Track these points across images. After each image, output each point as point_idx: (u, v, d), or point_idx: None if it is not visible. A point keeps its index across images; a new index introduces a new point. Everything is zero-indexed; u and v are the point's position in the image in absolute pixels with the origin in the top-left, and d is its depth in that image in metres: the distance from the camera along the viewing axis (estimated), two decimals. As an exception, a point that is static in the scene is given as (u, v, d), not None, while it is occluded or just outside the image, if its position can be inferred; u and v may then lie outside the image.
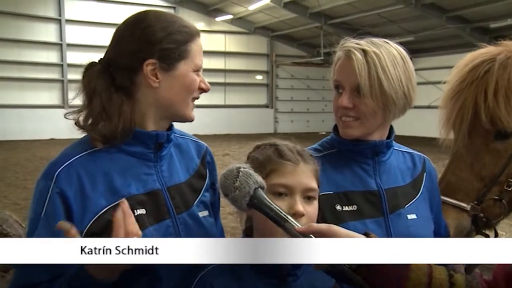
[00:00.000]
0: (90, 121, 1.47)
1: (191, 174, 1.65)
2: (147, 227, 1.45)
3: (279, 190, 1.37)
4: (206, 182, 1.69)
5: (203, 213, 1.63)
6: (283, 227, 1.23)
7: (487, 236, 2.07)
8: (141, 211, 1.47)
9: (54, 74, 21.24)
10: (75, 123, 1.48)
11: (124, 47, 1.50)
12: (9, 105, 20.12)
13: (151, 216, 1.49)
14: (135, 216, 1.40)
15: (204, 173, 1.70)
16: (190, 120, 1.58)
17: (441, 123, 2.08)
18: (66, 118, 1.49)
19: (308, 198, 1.40)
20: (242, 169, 1.27)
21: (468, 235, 1.98)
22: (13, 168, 12.62)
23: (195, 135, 1.81)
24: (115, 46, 1.52)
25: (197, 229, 1.58)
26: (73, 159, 1.45)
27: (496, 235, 2.08)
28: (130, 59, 1.49)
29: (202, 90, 1.59)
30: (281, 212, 1.24)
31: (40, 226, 1.39)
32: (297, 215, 1.34)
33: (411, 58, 1.68)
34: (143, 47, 1.48)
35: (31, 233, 1.41)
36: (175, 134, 1.66)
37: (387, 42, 1.66)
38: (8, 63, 20.25)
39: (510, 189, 1.97)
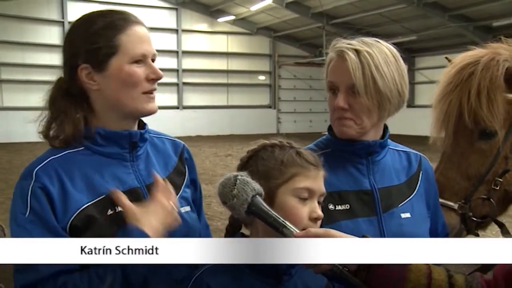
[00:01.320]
0: (46, 128, 1.55)
1: (170, 171, 1.65)
2: (128, 223, 1.45)
3: (303, 194, 1.37)
4: (186, 179, 1.70)
5: (184, 209, 1.63)
6: (281, 233, 1.24)
7: (477, 235, 2.09)
8: (121, 208, 1.47)
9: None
10: (39, 133, 1.55)
11: (63, 58, 1.55)
12: (13, 107, 20.20)
13: None
14: (116, 213, 1.46)
15: (183, 170, 1.71)
16: (150, 113, 1.54)
17: (431, 124, 2.13)
18: (38, 134, 1.57)
19: (318, 202, 1.41)
20: (239, 177, 1.28)
21: (458, 234, 2.00)
22: (17, 170, 12.58)
23: (198, 136, 1.82)
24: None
25: (179, 224, 1.57)
26: (49, 159, 1.47)
27: (507, 232, 2.09)
28: (67, 69, 1.52)
29: (153, 81, 1.52)
30: (279, 218, 1.25)
31: (29, 225, 1.38)
32: (318, 219, 1.36)
33: (413, 57, 1.69)
34: (71, 53, 1.50)
35: (15, 234, 1.39)
36: (150, 134, 1.66)
37: (378, 41, 1.67)
38: (12, 66, 20.35)
39: (497, 188, 2.00)
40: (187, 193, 1.69)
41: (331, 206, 1.62)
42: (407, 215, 1.68)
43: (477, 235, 2.11)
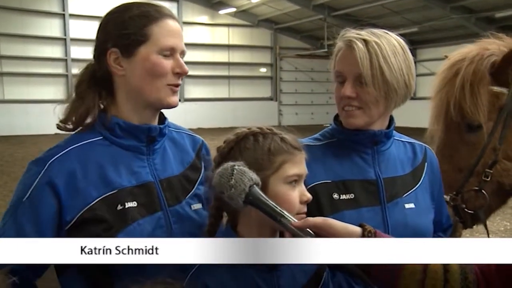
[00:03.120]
0: (67, 111, 1.55)
1: (185, 167, 1.66)
2: (137, 219, 1.47)
3: (294, 180, 1.37)
4: (201, 175, 1.70)
5: (196, 206, 1.63)
6: (279, 222, 1.24)
7: (471, 227, 2.13)
8: (132, 203, 1.48)
9: (59, 69, 21.27)
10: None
11: (96, 41, 1.57)
12: (15, 100, 20.21)
13: (143, 208, 1.50)
14: (125, 209, 1.47)
15: (199, 167, 1.71)
16: (170, 105, 1.55)
17: (429, 118, 2.20)
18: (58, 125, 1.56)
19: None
20: (236, 167, 1.27)
21: (453, 226, 2.02)
22: (20, 163, 12.68)
23: (199, 128, 1.83)
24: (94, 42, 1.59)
25: (189, 222, 1.59)
26: (68, 149, 1.48)
27: (487, 232, 2.13)
28: (98, 52, 1.55)
29: (178, 75, 1.54)
30: (276, 208, 1.25)
31: (20, 211, 1.41)
32: (308, 201, 1.37)
33: (415, 49, 1.70)
34: (103, 37, 1.53)
35: (6, 216, 1.42)
36: (170, 128, 1.67)
37: (387, 33, 1.67)
38: (13, 59, 20.31)
39: (488, 180, 2.03)
40: (201, 190, 1.69)
41: (335, 196, 1.63)
42: (411, 205, 1.69)
43: (471, 227, 2.15)
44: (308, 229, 1.24)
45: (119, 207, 1.46)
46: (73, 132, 1.57)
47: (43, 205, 1.41)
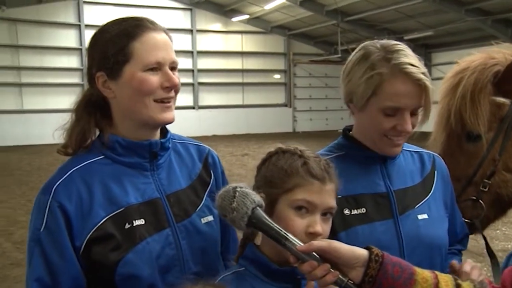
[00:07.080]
0: (66, 135, 1.55)
1: (193, 180, 1.61)
2: (145, 237, 1.44)
3: (301, 205, 1.32)
4: (210, 186, 1.64)
5: (207, 218, 1.58)
6: (283, 246, 1.19)
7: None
8: (140, 221, 1.45)
9: (75, 79, 21.56)
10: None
11: (86, 66, 1.56)
12: (32, 110, 20.54)
13: (151, 225, 1.47)
14: (133, 227, 1.44)
15: (207, 177, 1.66)
16: (164, 122, 1.50)
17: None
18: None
19: (325, 215, 1.35)
20: (238, 189, 1.22)
21: None
22: (37, 172, 12.85)
23: (214, 135, 1.79)
24: None
25: (199, 236, 1.55)
26: (70, 171, 1.45)
27: (486, 242, 2.07)
28: (88, 77, 1.54)
29: (168, 88, 1.48)
30: (281, 231, 1.20)
31: (43, 241, 1.39)
32: (315, 235, 1.29)
33: (430, 53, 1.67)
34: (89, 62, 1.51)
35: (32, 250, 1.40)
36: (174, 140, 1.63)
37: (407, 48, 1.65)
38: (31, 70, 20.68)
39: (486, 190, 2.00)
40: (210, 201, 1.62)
41: (346, 211, 1.60)
42: (424, 216, 1.65)
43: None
44: (313, 253, 1.19)
45: (127, 226, 1.43)
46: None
47: (60, 229, 1.39)
